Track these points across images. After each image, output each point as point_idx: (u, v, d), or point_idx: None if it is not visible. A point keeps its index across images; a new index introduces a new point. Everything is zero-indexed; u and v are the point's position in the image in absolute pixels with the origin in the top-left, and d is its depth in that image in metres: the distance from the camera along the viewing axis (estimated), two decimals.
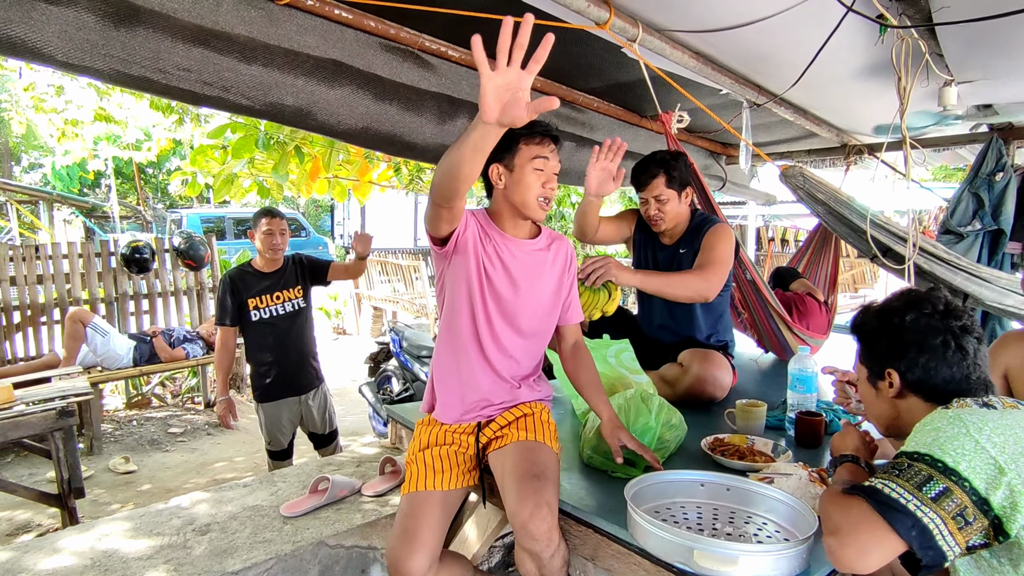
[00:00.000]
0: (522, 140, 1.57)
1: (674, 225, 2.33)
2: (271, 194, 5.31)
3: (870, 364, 1.23)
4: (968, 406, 1.03)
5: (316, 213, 19.19)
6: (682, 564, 1.12)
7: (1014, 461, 0.92)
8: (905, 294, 1.24)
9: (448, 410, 1.65)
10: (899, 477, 0.97)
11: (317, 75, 2.02)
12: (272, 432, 3.01)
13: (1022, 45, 1.98)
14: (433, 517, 1.51)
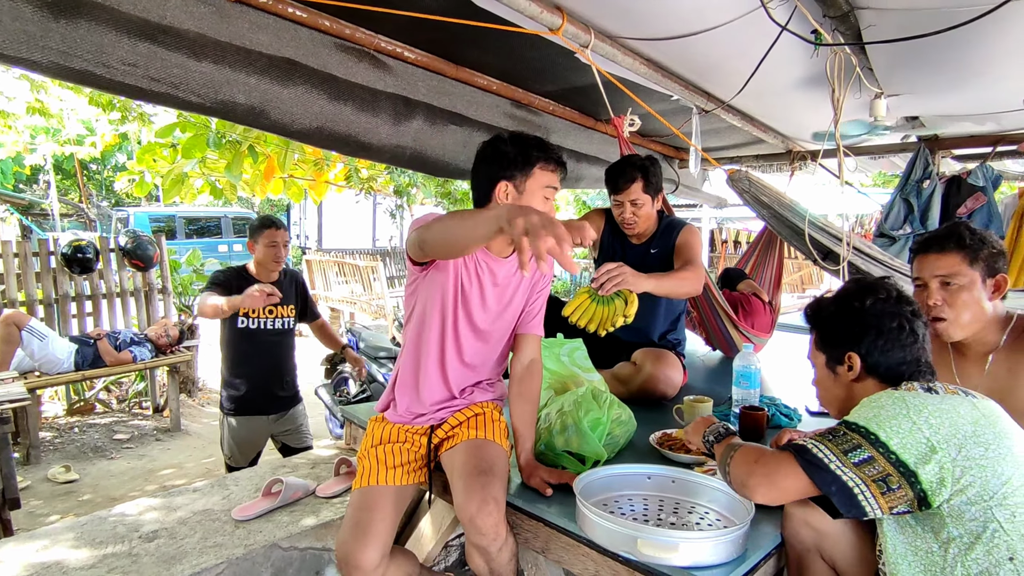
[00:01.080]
0: (538, 164, 1.51)
1: (645, 228, 2.40)
2: (224, 194, 5.19)
3: (829, 350, 1.28)
4: (914, 389, 1.10)
5: (271, 212, 18.73)
6: (627, 553, 1.17)
7: (946, 442, 1.00)
8: (859, 281, 1.30)
9: (403, 412, 1.66)
10: (830, 441, 1.07)
11: (270, 73, 2.00)
12: (235, 448, 2.88)
13: (941, 63, 2.13)
14: (385, 511, 1.52)
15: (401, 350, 1.70)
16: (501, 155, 1.51)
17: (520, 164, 1.50)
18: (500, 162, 1.51)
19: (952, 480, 0.99)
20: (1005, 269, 1.48)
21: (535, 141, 1.54)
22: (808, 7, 1.76)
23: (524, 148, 1.51)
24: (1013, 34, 1.85)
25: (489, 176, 1.52)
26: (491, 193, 1.52)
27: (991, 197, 3.18)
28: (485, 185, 1.53)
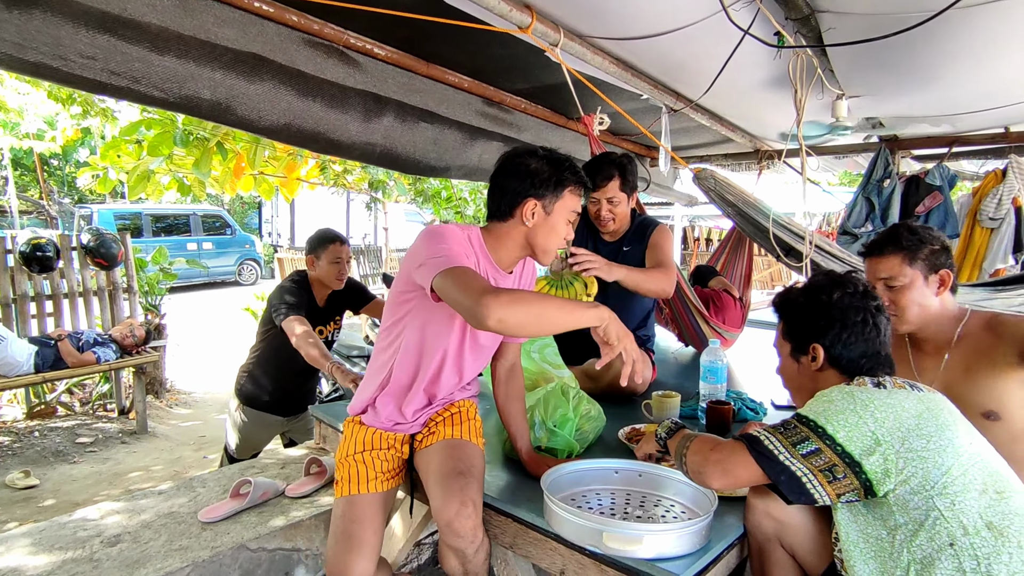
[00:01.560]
0: (569, 187, 1.49)
1: (619, 226, 2.42)
2: (193, 191, 5.07)
3: (794, 340, 1.31)
4: (864, 384, 1.14)
5: (242, 210, 18.39)
6: (593, 546, 1.19)
7: (890, 435, 1.05)
8: (829, 274, 1.34)
9: (384, 420, 1.61)
10: (781, 434, 1.12)
11: (236, 68, 1.97)
12: (244, 437, 2.78)
13: (898, 66, 2.20)
14: (376, 521, 1.50)
15: (380, 357, 1.60)
16: (533, 173, 1.46)
17: (553, 185, 1.46)
18: (532, 179, 1.45)
19: (896, 471, 1.04)
20: (948, 264, 1.51)
21: (568, 163, 1.50)
22: (771, 9, 1.80)
23: (559, 169, 1.47)
24: (961, 39, 1.92)
25: (517, 191, 1.46)
26: (515, 209, 1.47)
27: (947, 196, 3.30)
28: (510, 199, 1.47)
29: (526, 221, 1.47)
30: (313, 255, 2.62)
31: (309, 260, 2.63)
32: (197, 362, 6.67)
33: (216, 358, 6.98)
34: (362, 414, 1.64)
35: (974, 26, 1.83)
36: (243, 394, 2.77)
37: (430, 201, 6.55)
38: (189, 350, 7.08)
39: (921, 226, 1.56)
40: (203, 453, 4.32)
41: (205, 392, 5.73)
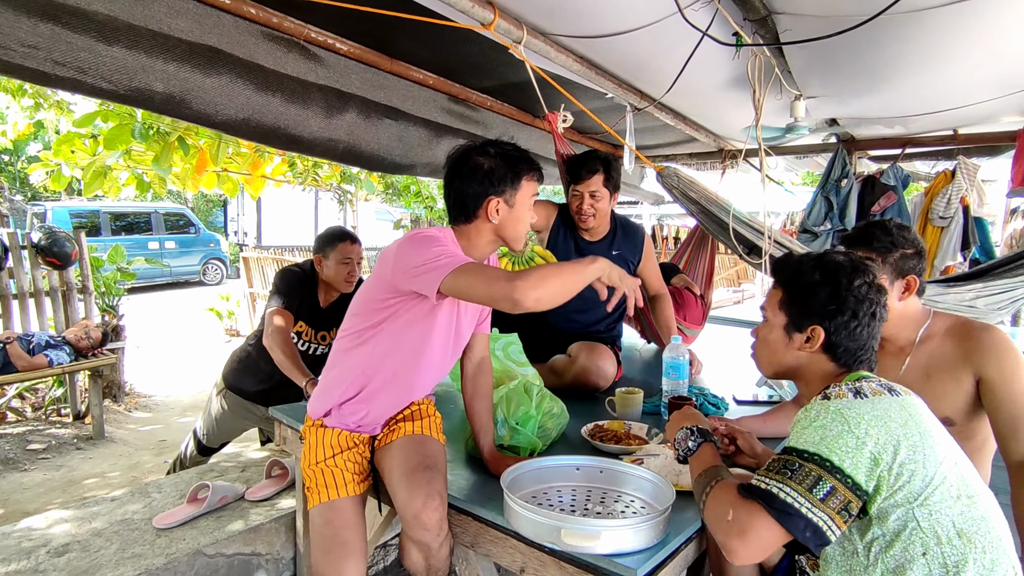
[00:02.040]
0: (524, 176, 1.50)
1: (600, 223, 2.42)
2: (152, 188, 4.92)
3: (795, 316, 1.21)
4: (844, 395, 1.07)
5: (207, 208, 17.94)
6: (551, 543, 1.19)
7: (883, 450, 1.00)
8: (847, 256, 1.22)
9: (348, 422, 1.58)
10: (791, 480, 1.02)
11: (191, 61, 1.91)
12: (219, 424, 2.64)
13: (851, 69, 2.26)
14: (362, 524, 1.48)
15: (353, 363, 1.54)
16: (489, 172, 1.47)
17: (511, 180, 1.48)
18: (489, 179, 1.46)
19: (887, 487, 1.01)
20: (917, 269, 1.51)
21: (518, 153, 1.52)
22: (729, 10, 1.83)
23: (513, 163, 1.49)
24: (908, 44, 1.98)
25: (477, 194, 1.47)
26: (479, 210, 1.48)
27: (901, 195, 3.40)
28: (472, 202, 1.48)
29: (492, 219, 1.48)
30: (321, 254, 2.48)
31: (317, 259, 2.49)
32: (158, 364, 6.49)
33: (178, 360, 6.80)
34: (324, 417, 1.59)
35: (920, 32, 1.88)
36: (230, 379, 2.66)
37: (400, 196, 6.47)
38: (150, 352, 6.88)
39: (899, 226, 1.54)
40: (164, 458, 4.20)
41: (166, 395, 5.57)
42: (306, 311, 2.51)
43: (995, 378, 1.41)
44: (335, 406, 1.56)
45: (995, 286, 2.31)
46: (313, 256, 2.52)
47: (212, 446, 2.71)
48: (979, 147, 3.32)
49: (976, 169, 3.25)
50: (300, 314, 2.48)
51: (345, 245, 2.44)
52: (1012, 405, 1.38)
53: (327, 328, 2.57)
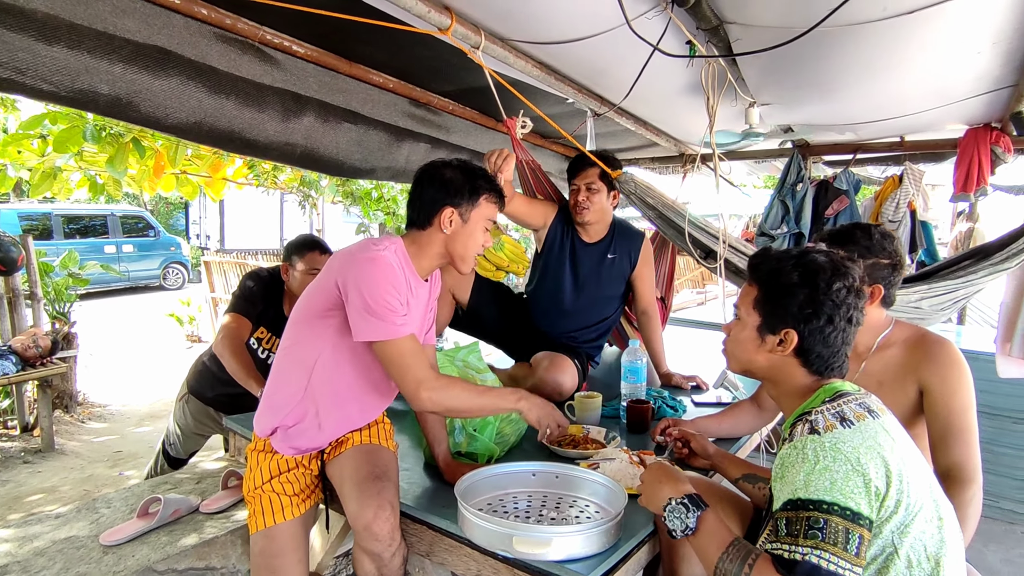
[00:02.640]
0: (484, 196, 1.54)
1: (597, 220, 2.45)
2: (107, 190, 4.76)
3: (769, 317, 1.16)
4: (832, 426, 1.03)
5: (167, 210, 17.43)
6: (503, 551, 1.19)
7: (882, 481, 0.98)
8: (830, 255, 1.17)
9: (296, 446, 1.54)
10: (825, 542, 0.95)
11: (138, 62, 1.86)
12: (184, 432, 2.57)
13: (801, 77, 2.33)
14: (301, 549, 1.46)
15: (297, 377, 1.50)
16: (449, 182, 1.51)
17: (468, 193, 1.51)
18: (447, 188, 1.50)
19: (882, 520, 0.99)
20: (887, 281, 1.52)
21: (482, 172, 1.57)
22: (682, 19, 1.86)
23: (472, 178, 1.53)
24: (854, 55, 2.05)
25: (434, 200, 1.51)
26: (433, 217, 1.51)
27: (853, 199, 3.52)
28: (428, 208, 1.52)
29: (444, 229, 1.51)
30: (288, 262, 2.40)
31: (284, 267, 2.42)
32: (115, 373, 6.28)
33: (136, 368, 6.59)
34: (271, 435, 1.54)
35: (861, 45, 1.95)
36: (192, 384, 2.59)
37: (359, 203, 6.40)
38: (105, 360, 6.65)
39: (883, 232, 1.54)
40: (119, 470, 4.07)
41: (123, 404, 5.39)
42: (269, 318, 2.45)
43: (937, 390, 1.44)
44: (282, 428, 1.53)
45: (939, 288, 2.40)
46: (281, 264, 2.46)
47: (181, 457, 2.63)
48: (924, 153, 3.47)
49: (922, 174, 3.38)
50: (262, 320, 2.43)
51: (314, 255, 2.37)
52: (948, 417, 1.42)
53: None
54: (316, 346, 1.48)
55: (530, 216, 2.46)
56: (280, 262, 2.50)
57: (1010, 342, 2.33)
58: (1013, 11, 1.72)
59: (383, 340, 1.37)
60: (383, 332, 1.36)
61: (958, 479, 1.38)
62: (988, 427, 2.95)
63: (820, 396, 1.11)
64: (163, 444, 2.69)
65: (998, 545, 2.87)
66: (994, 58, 2.11)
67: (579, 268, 2.47)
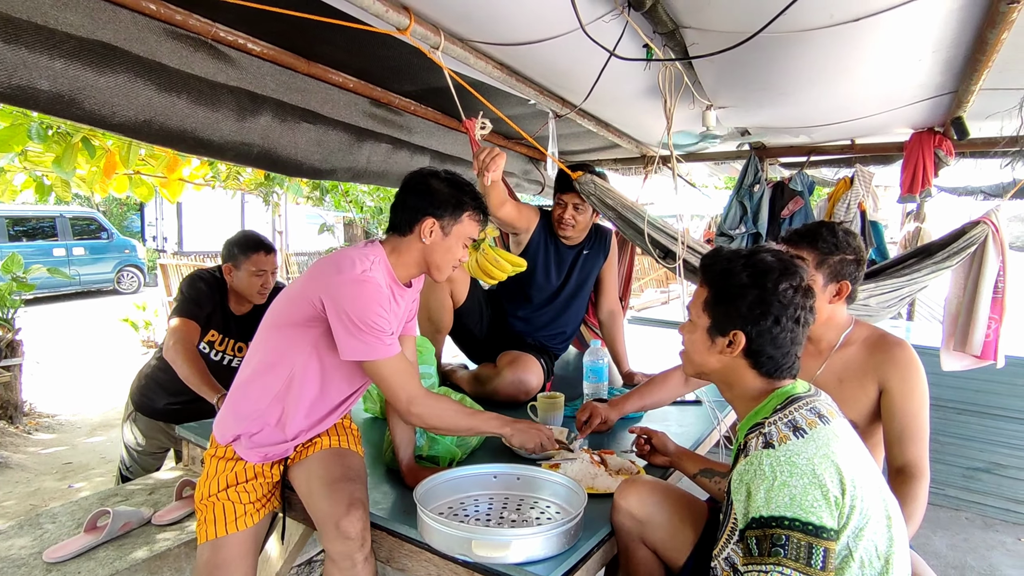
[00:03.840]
0: (468, 213, 1.54)
1: (579, 234, 2.53)
2: (55, 191, 4.56)
3: (718, 319, 1.17)
4: (786, 438, 1.03)
5: (121, 212, 16.83)
6: (463, 555, 1.18)
7: (838, 489, 0.99)
8: (778, 255, 1.17)
9: (258, 450, 1.51)
10: (786, 558, 0.97)
11: (82, 58, 1.78)
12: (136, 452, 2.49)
13: (754, 82, 2.40)
14: (247, 562, 1.42)
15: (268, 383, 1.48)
16: (434, 192, 1.51)
17: (451, 207, 1.51)
18: (432, 198, 1.50)
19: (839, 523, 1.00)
20: (853, 276, 1.55)
21: (470, 188, 1.57)
22: (639, 23, 1.89)
23: (459, 192, 1.54)
24: (801, 60, 2.11)
25: (417, 208, 1.51)
26: (415, 225, 1.51)
27: (807, 200, 3.63)
28: (411, 215, 1.52)
29: (424, 238, 1.51)
30: (231, 263, 2.31)
31: (226, 268, 2.33)
32: (64, 381, 6.02)
33: (88, 375, 6.34)
34: (233, 442, 1.51)
35: (808, 51, 2.01)
36: (137, 400, 2.50)
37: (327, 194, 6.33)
38: (54, 368, 6.38)
39: (846, 230, 1.57)
40: (68, 482, 3.90)
41: (74, 414, 5.18)
42: (218, 320, 2.38)
43: (896, 390, 1.48)
44: (246, 434, 1.50)
45: (886, 286, 2.48)
46: (222, 264, 2.37)
47: (138, 476, 2.53)
48: (874, 156, 3.60)
49: (871, 176, 3.51)
50: (211, 323, 2.36)
51: (259, 256, 2.31)
52: (904, 417, 1.47)
53: (244, 338, 2.43)
54: (291, 355, 1.46)
55: (518, 221, 2.49)
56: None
57: (953, 337, 2.43)
58: (949, 22, 1.80)
59: (374, 361, 1.39)
60: (373, 353, 1.38)
61: (912, 476, 1.43)
62: (934, 418, 3.03)
63: (772, 402, 1.13)
64: (119, 472, 2.60)
65: (944, 531, 2.99)
66: (934, 65, 2.20)
67: (560, 269, 2.53)
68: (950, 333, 2.42)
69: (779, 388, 1.16)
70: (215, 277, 2.39)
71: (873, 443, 1.57)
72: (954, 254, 2.39)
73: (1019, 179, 3.28)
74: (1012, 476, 3.06)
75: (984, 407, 3.08)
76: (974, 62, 2.06)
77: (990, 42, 1.82)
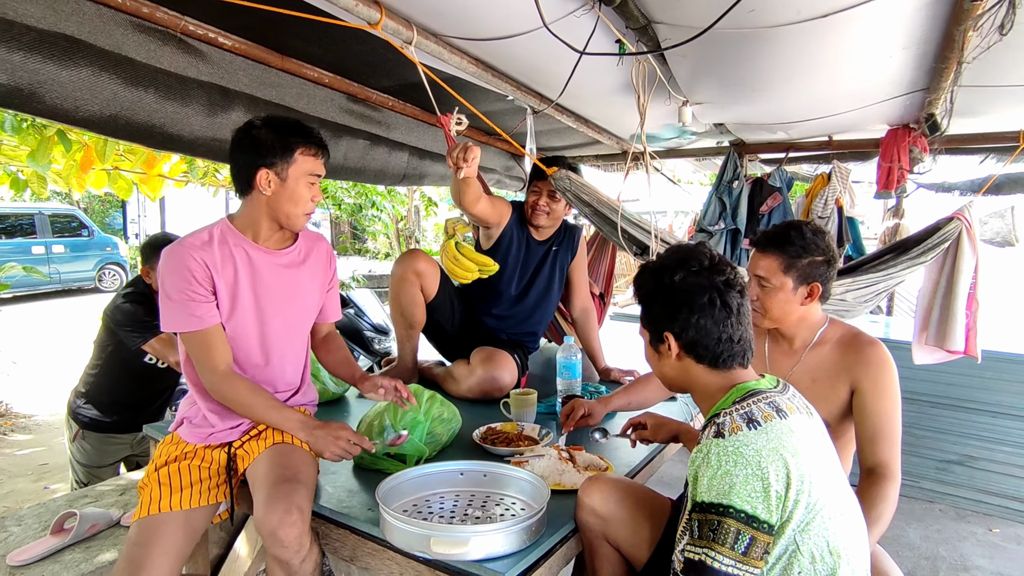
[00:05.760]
0: (299, 150, 1.48)
1: (551, 226, 2.53)
2: (31, 187, 4.48)
3: (650, 327, 1.22)
4: (738, 428, 1.04)
5: (102, 209, 16.60)
6: (422, 552, 1.18)
7: (783, 484, 1.00)
8: (676, 251, 1.22)
9: (197, 431, 1.53)
10: (715, 541, 1.00)
11: (42, 51, 1.75)
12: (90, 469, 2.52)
13: (729, 78, 2.40)
14: (169, 542, 1.37)
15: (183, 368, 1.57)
16: (257, 141, 1.46)
17: (279, 150, 1.46)
18: (258, 149, 1.46)
19: (782, 518, 1.02)
20: (823, 276, 1.54)
21: (294, 125, 1.51)
22: (611, 18, 1.88)
23: (282, 134, 1.48)
24: (773, 57, 2.11)
25: (248, 164, 1.47)
26: (252, 181, 1.48)
27: (786, 196, 3.65)
28: (244, 173, 1.49)
29: (263, 191, 1.48)
30: (149, 265, 2.32)
31: (144, 271, 2.34)
32: (40, 380, 5.94)
33: (66, 375, 6.25)
34: (178, 428, 1.56)
35: (779, 47, 2.01)
36: (83, 418, 2.49)
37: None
38: (31, 368, 6.29)
39: (814, 230, 1.56)
40: (44, 484, 3.85)
41: (51, 414, 5.11)
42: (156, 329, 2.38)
43: (868, 391, 1.48)
44: (187, 419, 1.55)
45: (862, 281, 2.50)
46: (141, 268, 2.40)
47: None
48: (851, 152, 3.62)
49: (848, 172, 3.53)
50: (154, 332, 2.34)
51: None
52: (876, 418, 1.47)
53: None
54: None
55: (491, 217, 2.46)
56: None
57: (926, 331, 2.45)
58: (916, 18, 1.81)
59: (181, 334, 1.45)
60: (179, 324, 1.44)
61: (883, 476, 1.43)
62: (908, 411, 3.07)
63: (732, 396, 1.13)
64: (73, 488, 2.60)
65: (918, 523, 3.03)
66: (906, 62, 2.21)
67: (529, 265, 2.52)
68: (922, 327, 2.44)
69: (740, 382, 1.16)
70: (138, 293, 2.38)
71: (844, 442, 1.58)
72: (928, 250, 2.41)
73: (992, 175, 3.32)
74: (984, 468, 3.10)
75: (957, 400, 3.12)
76: (943, 59, 2.08)
77: (957, 39, 1.83)
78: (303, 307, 1.63)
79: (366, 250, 16.04)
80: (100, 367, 2.48)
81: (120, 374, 2.46)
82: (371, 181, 3.38)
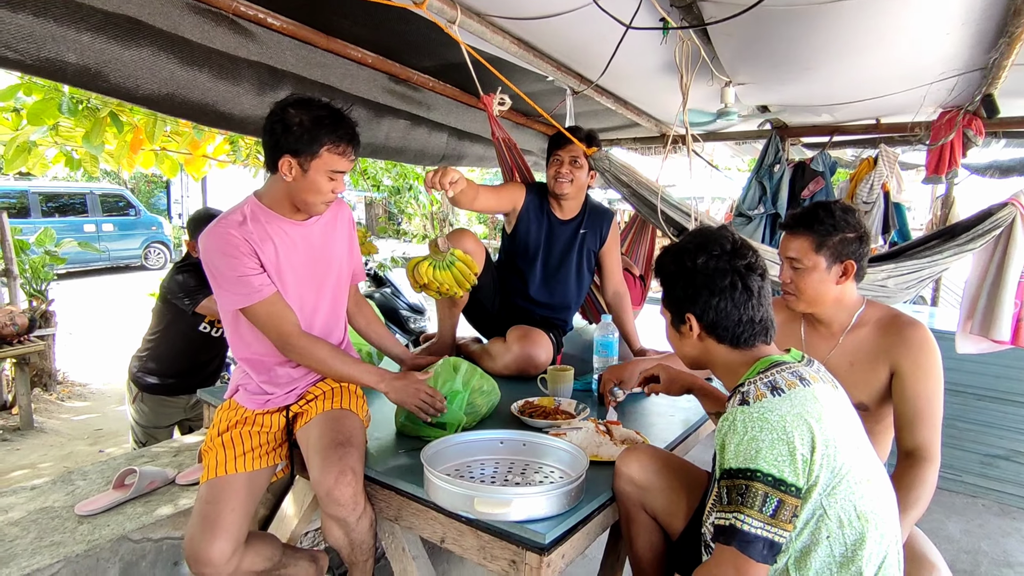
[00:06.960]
0: (326, 147, 1.44)
1: (575, 195, 2.45)
2: (83, 166, 4.68)
3: (673, 311, 1.25)
4: (762, 395, 1.07)
5: (148, 189, 17.17)
6: (466, 512, 1.23)
7: (809, 449, 1.02)
8: (698, 235, 1.24)
9: (254, 396, 1.62)
10: (743, 505, 1.02)
11: (107, 32, 1.83)
12: (146, 431, 2.71)
13: (776, 57, 2.35)
14: (236, 500, 1.47)
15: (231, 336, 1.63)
16: (289, 128, 1.43)
17: (306, 142, 1.43)
18: (287, 135, 1.43)
19: (809, 483, 1.04)
20: (857, 253, 1.51)
21: (328, 116, 1.46)
22: None
23: (313, 125, 1.43)
24: (831, 34, 2.07)
25: (275, 146, 1.46)
26: (276, 162, 1.47)
27: (828, 181, 3.56)
28: (271, 154, 1.49)
29: (284, 176, 1.47)
30: (195, 240, 2.43)
31: (190, 245, 2.47)
32: (94, 351, 6.24)
33: (117, 347, 6.55)
34: (235, 394, 1.63)
35: (834, 24, 1.97)
36: (140, 381, 2.67)
37: None
38: (85, 339, 6.60)
39: (843, 208, 1.53)
40: (99, 447, 4.07)
41: (104, 383, 5.38)
42: None
43: (908, 373, 1.45)
44: (243, 386, 1.62)
45: (905, 267, 2.45)
46: (187, 242, 2.53)
47: None
48: (899, 136, 3.51)
49: (896, 157, 3.43)
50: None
51: None
52: (916, 400, 1.44)
53: None
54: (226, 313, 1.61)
55: (499, 205, 2.46)
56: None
57: (971, 320, 2.39)
58: None
59: (245, 308, 1.49)
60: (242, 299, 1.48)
61: (923, 458, 1.41)
62: (952, 403, 3.04)
63: (757, 368, 1.16)
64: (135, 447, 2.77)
65: (959, 517, 2.97)
66: (964, 39, 2.14)
67: (554, 244, 2.48)
68: (968, 315, 2.38)
69: (763, 356, 1.18)
70: (189, 264, 2.51)
71: (883, 427, 1.56)
72: (978, 236, 2.34)
73: None
74: None
75: (1004, 393, 3.03)
76: (1007, 34, 2.00)
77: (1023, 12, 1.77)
78: (339, 272, 1.69)
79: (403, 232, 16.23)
80: (158, 335, 2.65)
81: (176, 342, 2.61)
82: (411, 161, 3.43)
